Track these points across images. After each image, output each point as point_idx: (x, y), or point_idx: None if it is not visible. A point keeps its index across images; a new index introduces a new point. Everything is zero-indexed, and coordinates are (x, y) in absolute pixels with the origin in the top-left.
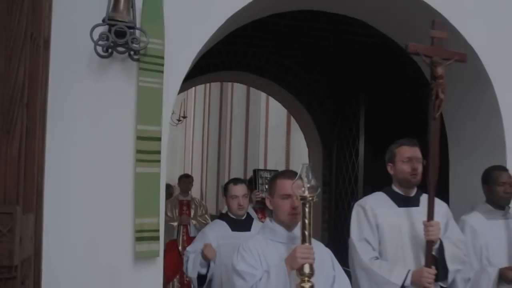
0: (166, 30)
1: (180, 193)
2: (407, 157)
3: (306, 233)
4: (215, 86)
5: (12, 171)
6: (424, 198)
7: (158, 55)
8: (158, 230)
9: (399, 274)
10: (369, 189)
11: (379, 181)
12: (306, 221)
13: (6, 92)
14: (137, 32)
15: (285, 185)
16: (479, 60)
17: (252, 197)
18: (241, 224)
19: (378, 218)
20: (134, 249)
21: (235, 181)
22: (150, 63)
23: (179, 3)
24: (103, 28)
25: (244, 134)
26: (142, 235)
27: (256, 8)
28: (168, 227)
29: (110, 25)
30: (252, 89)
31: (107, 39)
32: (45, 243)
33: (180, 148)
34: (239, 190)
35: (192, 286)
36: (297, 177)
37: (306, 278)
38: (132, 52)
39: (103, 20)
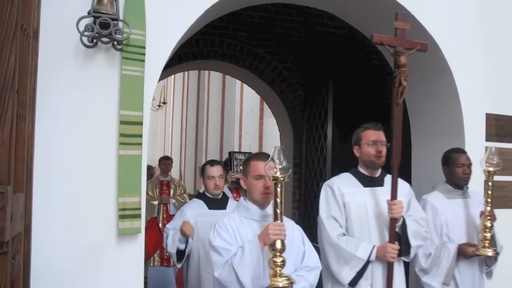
0: (147, 21)
1: (160, 174)
2: (372, 140)
3: (278, 211)
4: (193, 74)
5: (3, 153)
6: (388, 178)
7: (140, 45)
8: (139, 209)
9: (365, 249)
10: (336, 170)
11: (346, 162)
12: (278, 200)
13: None
14: (120, 24)
15: (258, 166)
16: (439, 50)
17: (228, 178)
18: (217, 203)
19: (345, 197)
20: (117, 226)
21: (212, 162)
22: (133, 52)
23: None
24: (88, 20)
25: (220, 119)
26: (125, 213)
27: (232, 1)
28: (149, 205)
29: (95, 17)
30: (227, 77)
31: (92, 30)
32: (34, 221)
33: (160, 131)
34: (215, 171)
35: (171, 260)
36: (269, 159)
37: (278, 253)
38: (115, 42)
39: (89, 13)
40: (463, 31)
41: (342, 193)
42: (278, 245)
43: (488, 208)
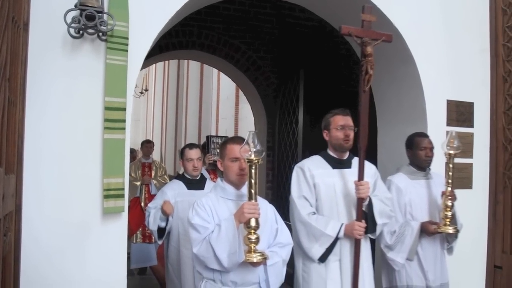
0: (130, 14)
1: (142, 156)
2: (340, 125)
3: (252, 191)
4: (173, 63)
5: None
6: (355, 160)
7: (123, 36)
8: (123, 189)
9: (334, 227)
10: (307, 153)
11: (316, 146)
12: (252, 180)
13: None
14: (105, 16)
15: (234, 149)
16: (403, 40)
17: (205, 160)
18: (195, 184)
19: (315, 178)
20: (102, 205)
21: (190, 146)
22: (116, 43)
23: None
24: (75, 13)
25: (198, 105)
26: (109, 193)
27: None
28: (132, 186)
29: (81, 10)
30: (205, 66)
31: (79, 22)
32: (24, 200)
33: (142, 117)
34: (194, 153)
35: (153, 237)
36: (244, 143)
37: (253, 231)
38: (100, 34)
39: (75, 6)
40: (425, 23)
41: (312, 175)
42: (253, 223)
43: (449, 189)
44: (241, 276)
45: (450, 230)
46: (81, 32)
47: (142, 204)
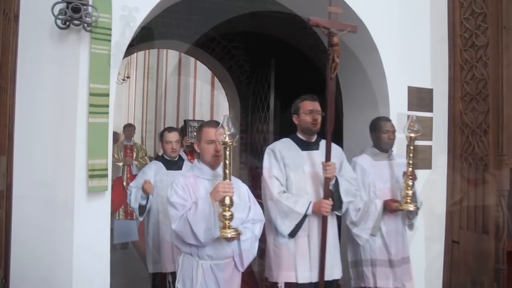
0: (113, 6)
1: (124, 139)
2: (309, 110)
3: (227, 171)
4: (153, 52)
5: None
6: (322, 143)
7: (106, 27)
8: (106, 169)
9: (303, 204)
10: (277, 136)
11: (286, 129)
12: (227, 161)
13: None
14: (90, 8)
15: (210, 132)
16: (367, 31)
17: (183, 142)
18: (174, 164)
19: (285, 159)
20: (87, 184)
21: (169, 129)
22: (100, 33)
23: None
24: (62, 5)
25: (176, 91)
26: (94, 173)
27: None
28: (114, 166)
29: (68, 3)
30: (183, 55)
31: (65, 14)
32: (15, 180)
33: (124, 102)
34: (173, 136)
35: (134, 214)
36: (219, 126)
37: (227, 208)
38: (85, 25)
39: None
40: (388, 15)
41: (282, 156)
42: (227, 201)
43: (410, 169)
44: (216, 251)
45: (411, 207)
46: (67, 23)
47: (124, 183)
